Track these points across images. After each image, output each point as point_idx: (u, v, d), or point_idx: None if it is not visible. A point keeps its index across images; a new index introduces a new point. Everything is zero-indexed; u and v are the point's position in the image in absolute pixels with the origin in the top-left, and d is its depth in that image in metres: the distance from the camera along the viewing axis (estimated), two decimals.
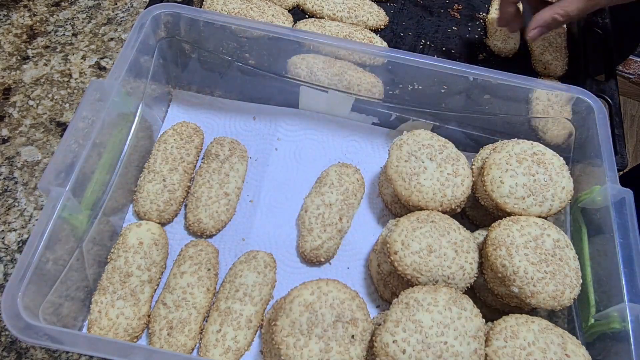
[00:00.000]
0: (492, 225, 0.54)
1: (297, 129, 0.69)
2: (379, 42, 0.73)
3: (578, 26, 0.77)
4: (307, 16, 0.77)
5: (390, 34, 0.77)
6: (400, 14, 0.80)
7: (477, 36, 0.78)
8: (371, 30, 0.76)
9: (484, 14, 0.81)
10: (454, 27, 0.79)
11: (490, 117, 0.64)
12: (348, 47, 0.60)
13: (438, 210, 0.56)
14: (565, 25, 0.78)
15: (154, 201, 0.58)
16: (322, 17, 0.76)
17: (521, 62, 0.76)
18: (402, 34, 0.77)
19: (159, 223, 0.59)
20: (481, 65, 0.75)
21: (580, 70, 0.73)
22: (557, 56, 0.74)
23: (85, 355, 0.52)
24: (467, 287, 0.52)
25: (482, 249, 0.54)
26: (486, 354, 0.47)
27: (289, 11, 0.77)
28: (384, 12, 0.77)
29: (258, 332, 0.54)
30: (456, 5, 0.82)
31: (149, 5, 0.70)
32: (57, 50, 0.73)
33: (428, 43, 0.77)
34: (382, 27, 0.77)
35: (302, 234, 0.59)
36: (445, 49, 0.76)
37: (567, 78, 0.74)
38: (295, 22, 0.74)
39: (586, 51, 0.74)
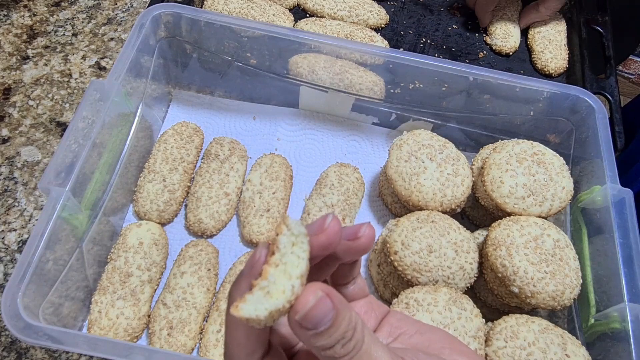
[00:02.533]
0: (492, 225, 0.54)
1: (297, 129, 0.69)
2: (380, 41, 0.73)
3: (578, 24, 0.77)
4: (307, 15, 0.77)
5: (391, 33, 0.77)
6: (400, 12, 0.80)
7: (477, 34, 0.78)
8: (372, 29, 0.76)
9: None
10: (454, 26, 0.79)
11: (490, 117, 0.64)
12: (349, 47, 0.60)
13: (438, 210, 0.56)
14: (565, 23, 0.78)
15: (154, 201, 0.58)
16: (322, 16, 0.76)
17: (521, 59, 0.76)
18: (402, 33, 0.77)
19: (159, 223, 0.59)
20: (482, 62, 0.75)
21: (580, 68, 0.73)
22: (557, 54, 0.74)
23: (85, 355, 0.52)
24: (467, 287, 0.52)
25: (482, 249, 0.54)
26: (486, 354, 0.47)
27: (290, 10, 0.77)
28: (385, 11, 0.77)
29: None
30: (456, 3, 0.82)
31: (149, 5, 0.70)
32: (57, 50, 0.73)
33: (429, 41, 0.77)
34: (383, 25, 0.77)
35: None
36: (446, 47, 0.76)
37: (567, 76, 0.74)
38: (295, 21, 0.74)
39: (586, 49, 0.74)
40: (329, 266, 0.29)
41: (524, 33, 0.79)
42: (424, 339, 0.29)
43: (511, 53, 0.76)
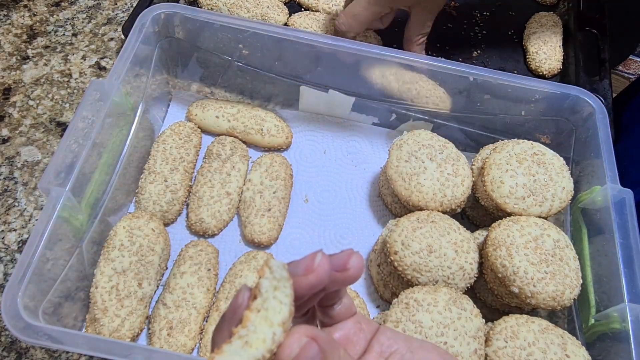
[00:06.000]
0: (492, 225, 0.54)
1: (297, 129, 0.69)
2: (372, 37, 0.73)
3: (574, 26, 0.77)
4: (302, 9, 0.77)
5: (385, 30, 0.77)
6: (396, 10, 0.79)
7: (472, 33, 0.78)
8: None
9: (479, 12, 0.81)
10: (449, 24, 0.79)
11: (490, 117, 0.64)
12: (349, 48, 0.60)
13: (438, 211, 0.56)
14: (561, 25, 0.78)
15: (156, 202, 0.58)
16: (317, 11, 0.76)
17: (515, 60, 0.76)
18: (397, 29, 0.77)
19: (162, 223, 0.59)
20: (476, 62, 0.75)
21: (574, 69, 0.73)
22: (551, 55, 0.74)
23: (85, 355, 0.52)
24: (467, 287, 0.52)
25: (482, 249, 0.54)
26: (486, 354, 0.47)
27: (285, 4, 0.77)
28: None
29: None
30: (453, 2, 0.82)
31: (137, 6, 0.70)
32: (57, 50, 0.73)
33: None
34: None
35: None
36: (440, 45, 0.76)
37: (561, 77, 0.74)
38: (290, 14, 0.74)
39: (581, 51, 0.74)
40: (315, 295, 0.28)
41: (520, 34, 0.79)
42: (415, 358, 0.29)
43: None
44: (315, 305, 0.30)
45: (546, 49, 0.74)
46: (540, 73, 0.74)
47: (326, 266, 0.25)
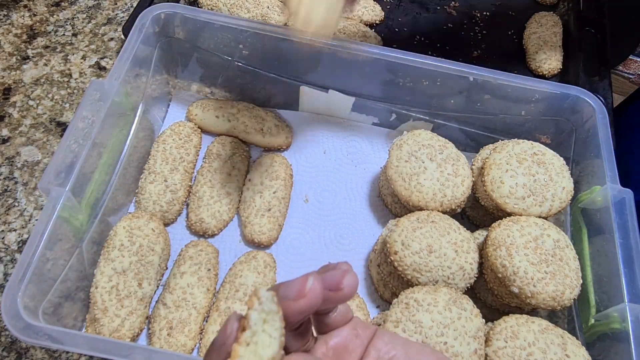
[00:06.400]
0: (492, 225, 0.54)
1: (297, 129, 0.69)
2: (373, 36, 0.73)
3: (575, 26, 0.77)
4: None
5: (385, 29, 0.77)
6: (396, 10, 0.80)
7: (472, 33, 0.78)
8: (366, 24, 0.76)
9: (479, 12, 0.81)
10: (449, 24, 0.79)
11: (490, 117, 0.64)
12: (350, 48, 0.60)
13: (438, 211, 0.56)
14: (561, 25, 0.78)
15: (156, 202, 0.58)
16: None
17: (516, 60, 0.76)
18: (397, 29, 0.77)
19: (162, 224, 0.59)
20: (475, 62, 0.75)
21: (574, 69, 0.73)
22: (551, 55, 0.74)
23: (85, 355, 0.52)
24: (467, 287, 0.52)
25: (482, 249, 0.54)
26: (486, 354, 0.47)
27: (285, 4, 0.77)
28: (380, 8, 0.77)
29: None
30: (453, 2, 0.82)
31: (137, 6, 0.70)
32: (57, 50, 0.73)
33: (422, 39, 0.77)
34: (378, 22, 0.77)
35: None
36: (440, 46, 0.76)
37: (561, 77, 0.74)
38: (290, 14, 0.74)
39: (581, 51, 0.74)
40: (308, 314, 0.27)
41: (520, 34, 0.79)
42: None
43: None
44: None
45: (546, 49, 0.74)
46: (540, 73, 0.74)
47: (318, 290, 0.24)
